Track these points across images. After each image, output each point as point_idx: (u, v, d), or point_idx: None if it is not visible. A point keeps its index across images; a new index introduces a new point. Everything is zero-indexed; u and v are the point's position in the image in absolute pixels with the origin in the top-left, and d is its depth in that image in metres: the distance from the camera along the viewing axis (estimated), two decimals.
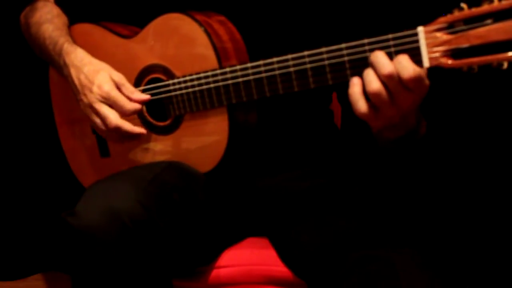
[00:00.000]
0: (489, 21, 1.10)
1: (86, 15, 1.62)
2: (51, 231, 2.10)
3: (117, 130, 1.48)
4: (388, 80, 1.18)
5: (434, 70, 1.17)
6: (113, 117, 1.46)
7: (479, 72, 1.13)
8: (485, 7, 1.10)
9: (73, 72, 1.51)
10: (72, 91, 1.55)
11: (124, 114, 1.46)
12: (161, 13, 1.47)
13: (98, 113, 1.47)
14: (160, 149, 1.52)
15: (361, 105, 1.21)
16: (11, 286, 2.14)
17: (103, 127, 1.49)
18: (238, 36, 1.43)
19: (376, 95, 1.19)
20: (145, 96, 1.48)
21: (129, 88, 1.47)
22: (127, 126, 1.48)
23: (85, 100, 1.49)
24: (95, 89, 1.46)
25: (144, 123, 1.53)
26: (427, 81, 1.18)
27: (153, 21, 1.48)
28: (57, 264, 2.11)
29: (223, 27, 1.43)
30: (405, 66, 1.16)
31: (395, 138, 1.31)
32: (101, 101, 1.46)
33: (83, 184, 1.68)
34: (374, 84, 1.18)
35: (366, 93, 1.20)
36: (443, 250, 1.82)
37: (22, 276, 2.15)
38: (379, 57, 1.18)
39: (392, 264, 1.28)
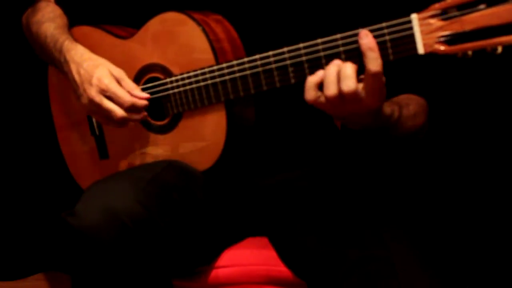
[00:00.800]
0: (482, 6, 1.11)
1: (85, 17, 1.64)
2: (51, 231, 2.10)
3: (123, 121, 1.48)
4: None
5: (430, 57, 1.17)
6: (118, 110, 1.46)
7: (475, 58, 1.14)
8: None
9: (73, 67, 1.52)
10: (71, 93, 1.56)
11: (123, 106, 1.46)
12: (158, 13, 1.48)
13: (101, 107, 1.47)
14: (159, 148, 1.52)
15: (311, 94, 1.27)
16: (11, 286, 2.14)
17: (106, 120, 1.49)
18: (235, 34, 1.45)
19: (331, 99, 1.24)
20: (145, 95, 1.48)
21: (129, 83, 1.48)
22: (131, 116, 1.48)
23: (85, 94, 1.49)
24: (94, 81, 1.47)
25: (143, 122, 1.54)
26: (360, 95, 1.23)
27: (150, 20, 1.49)
28: (57, 264, 2.10)
29: (220, 25, 1.44)
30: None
31: (358, 129, 1.35)
32: (101, 94, 1.47)
33: (82, 187, 1.68)
34: (332, 90, 1.23)
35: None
36: (443, 250, 1.80)
37: (22, 276, 2.14)
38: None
39: (392, 264, 1.28)
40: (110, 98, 1.46)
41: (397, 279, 1.27)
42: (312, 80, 1.26)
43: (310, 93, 1.26)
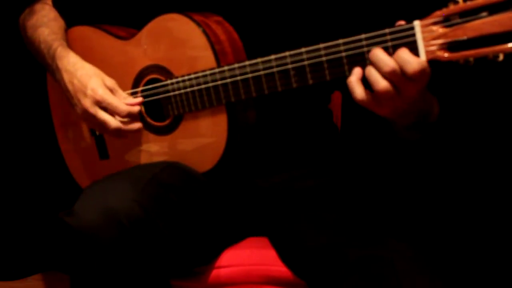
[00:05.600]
0: (484, 13, 1.12)
1: (84, 18, 1.63)
2: (50, 231, 2.10)
3: (118, 132, 1.49)
4: (392, 76, 1.19)
5: (431, 64, 1.18)
6: (112, 121, 1.48)
7: (477, 65, 1.14)
8: (480, 0, 1.11)
9: (66, 76, 1.52)
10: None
11: (120, 115, 1.47)
12: (159, 14, 1.48)
13: (95, 118, 1.48)
14: (159, 149, 1.52)
15: (359, 92, 1.23)
16: (11, 286, 2.15)
17: (102, 130, 1.50)
18: (235, 36, 1.44)
19: (384, 93, 1.20)
20: (137, 100, 1.49)
21: (121, 95, 1.49)
22: (126, 126, 1.49)
23: (79, 104, 1.50)
24: (89, 92, 1.47)
25: (144, 123, 1.54)
26: (428, 69, 1.19)
27: (151, 22, 1.49)
28: (57, 264, 2.11)
29: (220, 27, 1.44)
30: (408, 60, 1.17)
31: (408, 124, 1.32)
32: (96, 105, 1.47)
33: (82, 187, 1.68)
34: (381, 83, 1.20)
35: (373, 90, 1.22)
36: (443, 250, 1.81)
37: (22, 276, 2.15)
38: (379, 55, 1.19)
39: (392, 264, 1.29)
40: (105, 109, 1.47)
41: (398, 279, 1.27)
42: (353, 78, 1.23)
43: (357, 91, 1.23)
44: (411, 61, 1.17)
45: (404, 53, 1.18)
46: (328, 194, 1.49)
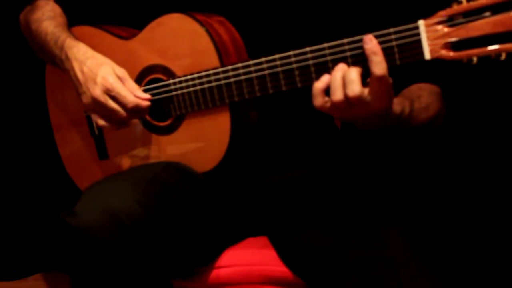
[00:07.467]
0: (487, 13, 1.13)
1: (85, 17, 1.63)
2: (51, 231, 2.09)
3: (125, 121, 1.48)
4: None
5: (436, 63, 1.19)
6: (122, 111, 1.46)
7: (480, 64, 1.16)
8: (483, 0, 1.13)
9: (75, 65, 1.50)
10: (69, 93, 1.56)
11: (126, 106, 1.45)
12: (161, 14, 1.48)
13: (105, 107, 1.46)
14: (160, 149, 1.52)
15: (319, 100, 1.28)
16: (11, 286, 2.13)
17: (108, 120, 1.48)
18: (237, 36, 1.45)
19: (338, 104, 1.25)
20: (147, 96, 1.48)
21: (131, 84, 1.47)
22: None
23: (88, 93, 1.48)
24: (99, 80, 1.45)
25: (144, 123, 1.54)
26: (366, 100, 1.24)
27: (153, 21, 1.49)
28: (57, 264, 2.10)
29: (223, 27, 1.45)
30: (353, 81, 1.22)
31: (369, 128, 1.36)
32: (105, 93, 1.46)
33: (80, 187, 1.68)
34: (338, 95, 1.24)
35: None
36: (444, 250, 1.82)
37: (22, 276, 2.14)
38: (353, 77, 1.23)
39: (392, 264, 1.29)
40: (113, 98, 1.45)
41: (398, 279, 1.28)
42: (318, 86, 1.27)
43: (318, 100, 1.28)
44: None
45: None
46: (328, 194, 1.49)
